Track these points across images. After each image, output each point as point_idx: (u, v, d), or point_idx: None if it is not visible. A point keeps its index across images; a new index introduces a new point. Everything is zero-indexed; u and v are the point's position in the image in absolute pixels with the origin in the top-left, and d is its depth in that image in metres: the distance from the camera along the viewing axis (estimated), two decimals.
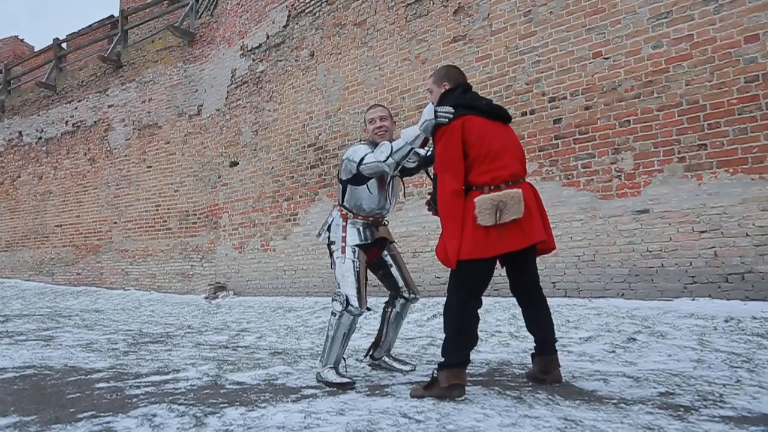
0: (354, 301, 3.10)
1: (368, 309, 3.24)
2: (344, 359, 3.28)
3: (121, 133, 12.46)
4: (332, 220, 3.38)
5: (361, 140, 3.53)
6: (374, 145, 3.26)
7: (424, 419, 2.27)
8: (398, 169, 3.12)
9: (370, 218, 3.32)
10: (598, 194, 5.52)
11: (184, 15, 11.69)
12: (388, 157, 3.01)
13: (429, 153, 3.33)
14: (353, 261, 3.19)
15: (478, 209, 2.60)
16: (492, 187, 2.66)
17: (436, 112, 2.79)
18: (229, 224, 9.99)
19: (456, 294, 2.72)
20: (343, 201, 3.35)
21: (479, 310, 2.74)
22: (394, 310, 3.49)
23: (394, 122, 3.48)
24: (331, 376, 3.04)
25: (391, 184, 3.36)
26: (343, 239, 3.25)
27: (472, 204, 2.64)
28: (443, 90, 2.97)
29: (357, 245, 3.24)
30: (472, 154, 2.71)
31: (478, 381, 3.00)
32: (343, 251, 3.22)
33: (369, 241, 3.29)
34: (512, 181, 2.71)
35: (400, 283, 3.46)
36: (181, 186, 11.14)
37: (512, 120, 3.08)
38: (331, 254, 3.34)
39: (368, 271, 3.37)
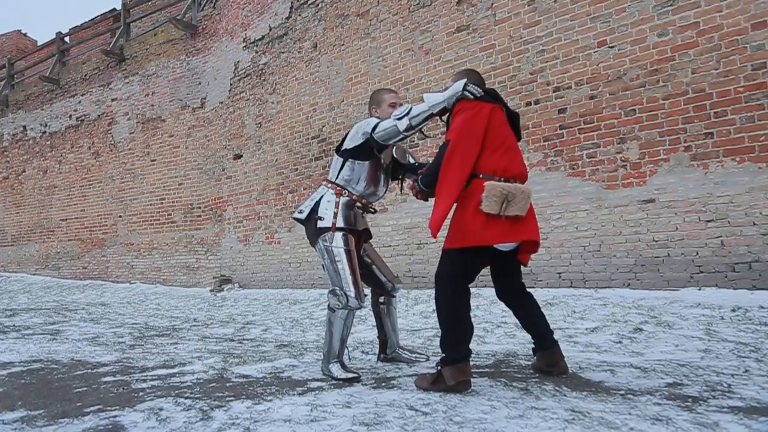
0: (352, 295, 3.02)
1: (366, 295, 3.20)
2: (348, 350, 3.27)
3: (124, 126, 12.45)
4: (321, 197, 3.21)
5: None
6: None
7: (430, 411, 2.27)
8: (413, 133, 2.99)
9: (363, 200, 3.22)
10: (603, 184, 5.49)
11: (187, 7, 11.64)
12: (403, 116, 2.91)
13: (416, 164, 3.35)
14: (347, 250, 3.09)
15: (486, 194, 2.55)
16: (502, 179, 2.63)
17: (466, 85, 2.72)
18: (234, 217, 10.00)
19: (447, 285, 2.68)
20: (337, 177, 3.23)
21: (477, 301, 2.74)
22: (383, 306, 3.50)
23: None
24: (337, 371, 3.00)
25: (387, 170, 3.31)
26: (335, 215, 3.13)
27: (481, 188, 2.57)
28: None
29: (345, 229, 3.13)
30: (489, 139, 2.66)
31: (484, 373, 2.99)
32: (334, 229, 3.10)
33: (357, 228, 3.19)
34: (519, 181, 2.71)
35: (383, 279, 3.45)
36: (186, 179, 11.14)
37: (521, 140, 3.05)
38: (316, 237, 3.17)
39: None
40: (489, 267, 2.97)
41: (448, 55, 6.84)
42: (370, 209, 3.32)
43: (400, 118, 2.92)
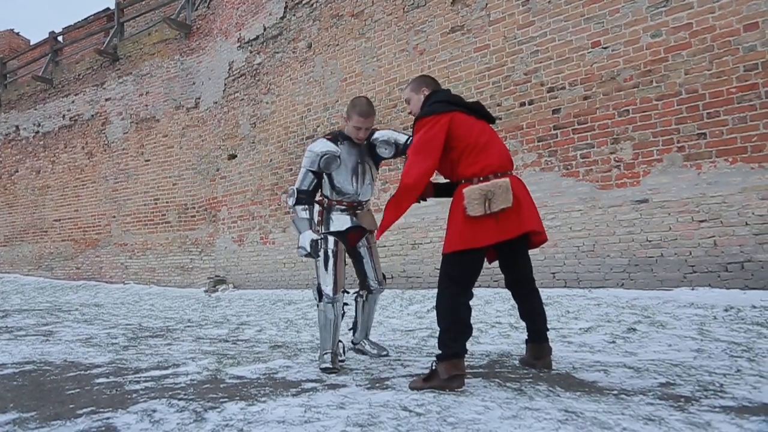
0: (326, 290, 3.33)
1: (345, 292, 3.43)
2: (343, 344, 3.50)
3: (118, 126, 12.41)
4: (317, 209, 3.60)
5: (328, 133, 3.60)
6: (341, 137, 3.44)
7: (424, 412, 2.27)
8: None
9: (344, 203, 3.50)
10: (597, 184, 5.50)
11: (181, 7, 11.60)
12: (290, 200, 3.43)
13: (409, 141, 3.40)
14: (330, 250, 3.40)
15: (467, 200, 2.65)
16: (481, 178, 2.71)
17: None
18: (228, 217, 9.97)
19: (446, 286, 2.75)
20: (323, 190, 3.56)
21: (472, 301, 2.78)
22: (362, 300, 3.73)
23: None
24: (325, 360, 3.25)
25: (363, 170, 3.50)
26: (319, 222, 3.50)
27: (461, 195, 2.68)
28: (423, 96, 3.03)
29: (333, 232, 3.43)
30: (461, 145, 2.76)
31: (478, 373, 2.99)
32: (318, 234, 3.45)
33: (343, 229, 3.46)
34: (500, 173, 2.76)
35: (370, 274, 3.64)
36: (180, 179, 11.11)
37: (495, 122, 3.13)
38: None
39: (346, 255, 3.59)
40: (498, 259, 3.05)
41: (442, 55, 6.85)
42: (359, 208, 3.56)
43: (290, 196, 3.42)
